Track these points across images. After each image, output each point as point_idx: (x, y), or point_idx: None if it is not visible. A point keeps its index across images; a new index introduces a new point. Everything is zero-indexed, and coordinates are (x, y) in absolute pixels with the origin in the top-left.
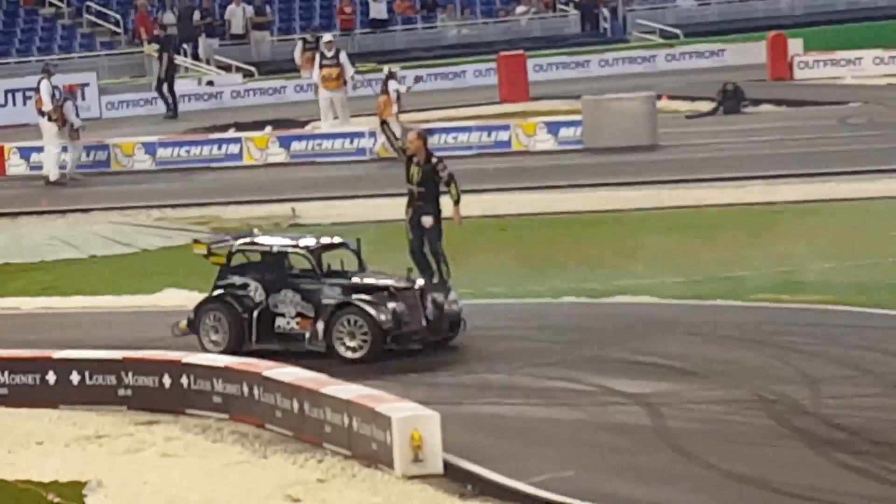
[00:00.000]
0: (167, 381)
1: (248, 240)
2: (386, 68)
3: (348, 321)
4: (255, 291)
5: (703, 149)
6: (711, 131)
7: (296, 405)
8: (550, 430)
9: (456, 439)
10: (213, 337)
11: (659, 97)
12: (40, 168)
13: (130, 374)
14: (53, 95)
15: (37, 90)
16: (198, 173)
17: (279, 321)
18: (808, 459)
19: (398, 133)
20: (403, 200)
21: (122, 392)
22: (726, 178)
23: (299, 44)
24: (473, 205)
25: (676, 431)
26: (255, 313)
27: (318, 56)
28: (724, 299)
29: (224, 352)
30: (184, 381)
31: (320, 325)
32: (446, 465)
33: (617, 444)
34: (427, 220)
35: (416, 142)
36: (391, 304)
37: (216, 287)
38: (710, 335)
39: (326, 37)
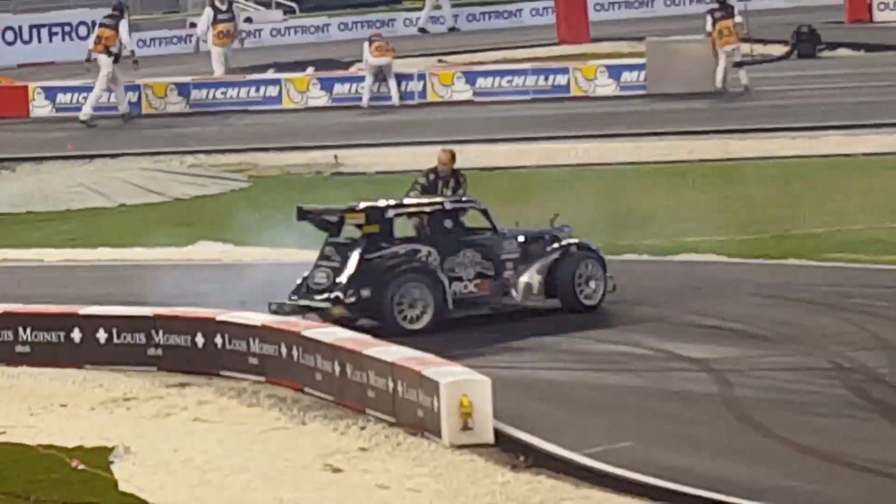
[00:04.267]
0: (200, 340)
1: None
2: None
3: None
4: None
5: (775, 96)
6: (784, 77)
7: (337, 367)
8: (608, 398)
9: (508, 406)
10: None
11: None
12: (67, 110)
13: (161, 333)
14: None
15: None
16: (234, 117)
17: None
18: (884, 432)
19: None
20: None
21: (152, 352)
22: (800, 128)
23: None
24: (528, 153)
25: (743, 400)
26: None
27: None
28: (796, 258)
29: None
30: (218, 340)
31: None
32: (497, 433)
33: (679, 413)
34: None
35: (444, 156)
36: None
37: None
38: (780, 297)
39: None
